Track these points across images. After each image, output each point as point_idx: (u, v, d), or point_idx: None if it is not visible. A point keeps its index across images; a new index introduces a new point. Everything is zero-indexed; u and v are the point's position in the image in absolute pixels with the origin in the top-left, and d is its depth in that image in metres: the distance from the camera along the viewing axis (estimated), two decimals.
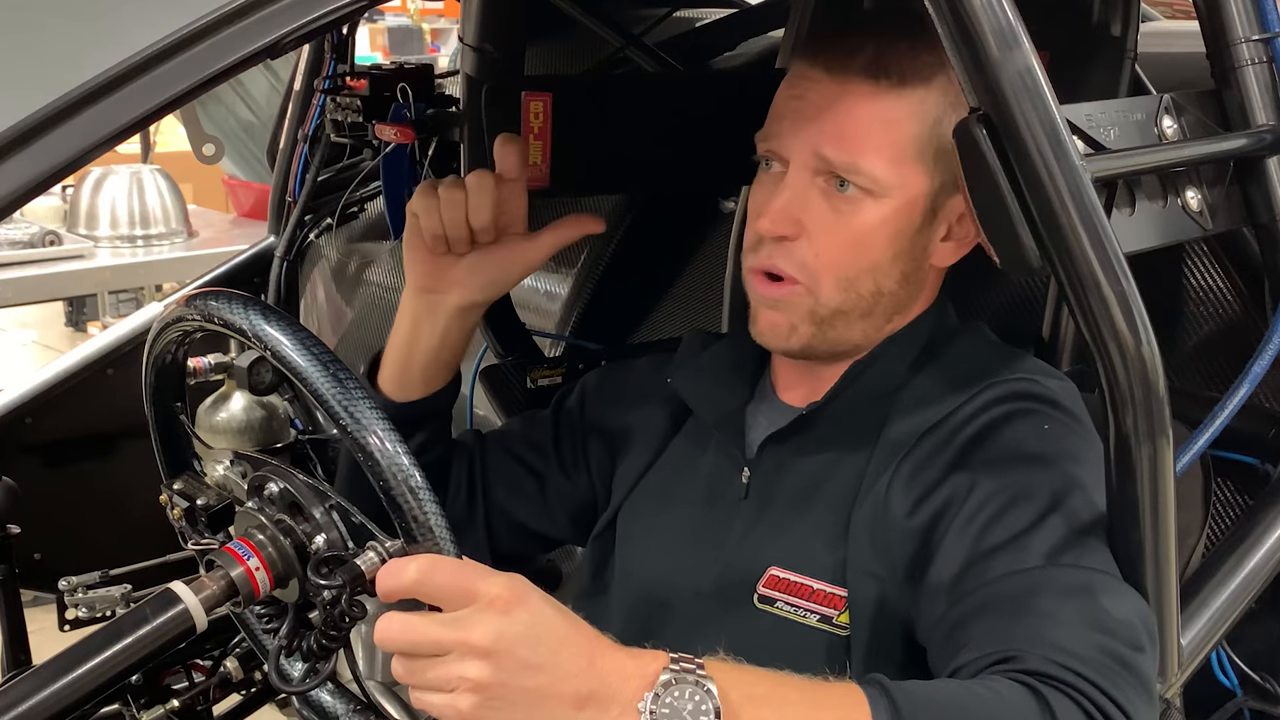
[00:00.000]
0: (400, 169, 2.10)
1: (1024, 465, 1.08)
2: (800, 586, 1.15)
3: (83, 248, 3.65)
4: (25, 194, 0.74)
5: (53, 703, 0.89)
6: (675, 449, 1.32)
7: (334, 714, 1.10)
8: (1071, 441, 1.11)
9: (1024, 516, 1.04)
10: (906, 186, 1.14)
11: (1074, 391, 1.17)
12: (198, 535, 1.06)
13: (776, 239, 1.16)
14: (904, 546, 1.10)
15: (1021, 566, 1.01)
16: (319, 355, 0.91)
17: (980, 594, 1.02)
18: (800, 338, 1.18)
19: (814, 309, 1.16)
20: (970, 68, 0.95)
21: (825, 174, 1.14)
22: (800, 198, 1.15)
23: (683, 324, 2.05)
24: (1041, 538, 1.03)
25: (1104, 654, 0.95)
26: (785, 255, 1.16)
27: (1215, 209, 1.19)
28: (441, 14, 7.00)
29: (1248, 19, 1.23)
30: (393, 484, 0.88)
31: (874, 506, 1.13)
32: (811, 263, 1.15)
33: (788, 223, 1.15)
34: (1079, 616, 0.97)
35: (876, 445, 1.16)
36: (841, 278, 1.15)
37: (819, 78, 1.15)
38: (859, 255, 1.15)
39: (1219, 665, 1.34)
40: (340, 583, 0.90)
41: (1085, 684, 0.92)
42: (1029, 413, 1.12)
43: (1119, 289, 0.99)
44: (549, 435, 1.39)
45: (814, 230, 1.15)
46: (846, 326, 1.18)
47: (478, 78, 1.74)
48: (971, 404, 1.13)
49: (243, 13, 0.77)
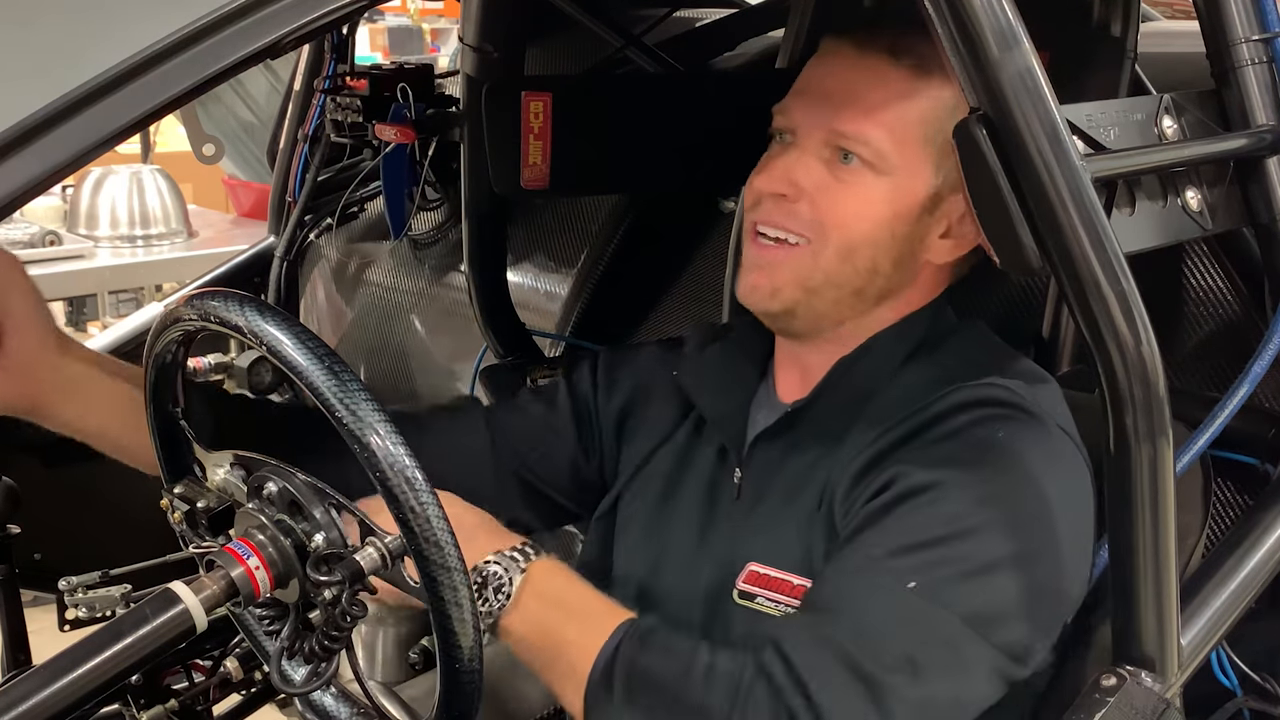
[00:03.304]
0: (400, 169, 2.11)
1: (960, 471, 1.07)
2: (780, 582, 1.15)
3: (83, 248, 3.65)
4: (25, 194, 0.74)
5: (53, 703, 0.89)
6: (678, 440, 1.32)
7: (336, 715, 1.10)
8: (1027, 450, 1.09)
9: (924, 518, 1.05)
10: (909, 169, 1.15)
11: (1055, 397, 1.16)
12: (199, 539, 1.06)
13: (775, 197, 1.17)
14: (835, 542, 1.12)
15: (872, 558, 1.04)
16: (318, 353, 0.91)
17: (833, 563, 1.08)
18: (782, 300, 1.18)
19: (808, 274, 1.16)
20: (970, 68, 0.95)
21: (831, 146, 1.15)
22: (801, 163, 1.16)
23: (683, 324, 2.05)
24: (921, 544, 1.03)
25: (844, 665, 0.98)
26: (785, 214, 1.17)
27: (1215, 209, 1.19)
28: (441, 14, 6.99)
29: (1248, 19, 1.23)
30: (390, 477, 0.88)
31: (829, 502, 1.14)
32: (813, 220, 1.15)
33: (785, 182, 1.16)
34: (850, 625, 1.01)
35: (846, 443, 1.16)
36: (844, 244, 1.15)
37: (845, 52, 1.18)
38: (857, 224, 1.15)
39: (1219, 665, 1.34)
40: (340, 579, 0.90)
41: (793, 683, 0.97)
42: (989, 419, 1.10)
43: (1119, 289, 0.99)
44: (568, 412, 1.39)
45: (815, 193, 1.16)
46: (835, 301, 1.18)
47: (478, 78, 1.74)
48: (931, 409, 1.12)
49: (243, 13, 0.77)
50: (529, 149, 1.53)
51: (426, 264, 2.31)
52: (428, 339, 2.29)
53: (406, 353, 2.32)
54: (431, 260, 2.31)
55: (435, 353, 2.28)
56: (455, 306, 2.22)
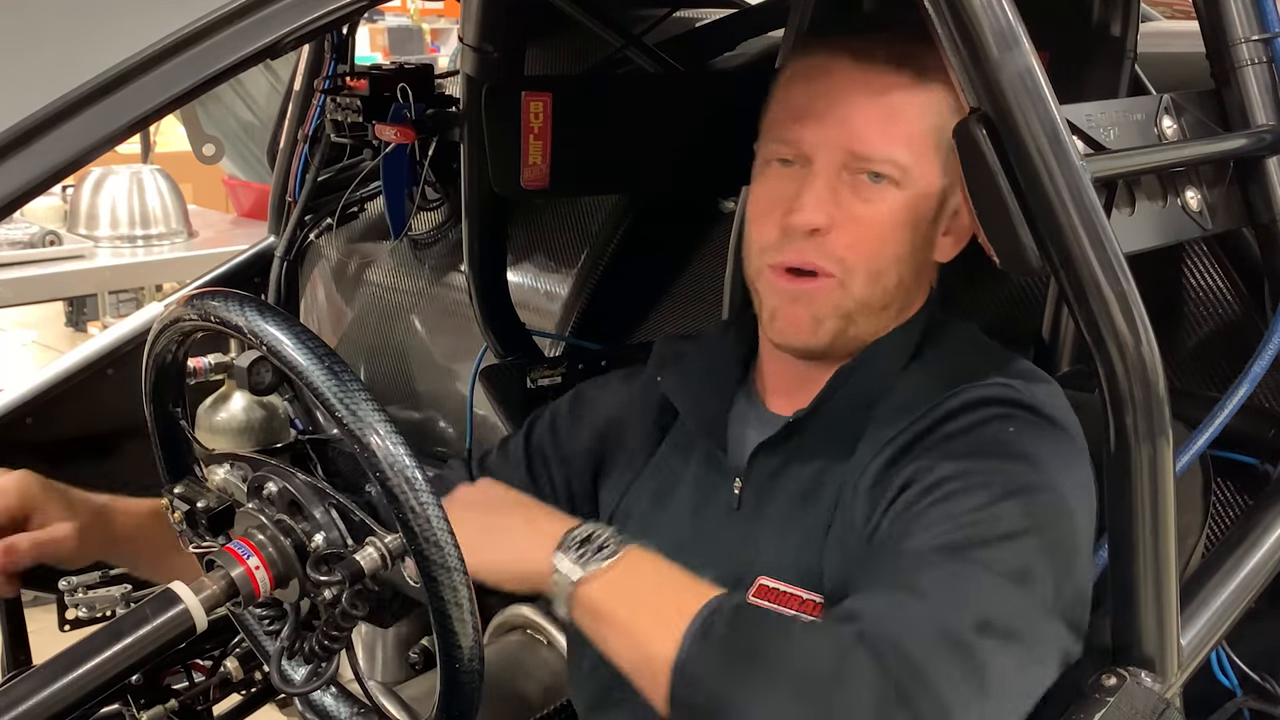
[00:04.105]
0: (400, 169, 2.11)
1: (974, 462, 1.07)
2: (789, 596, 1.14)
3: (83, 248, 3.64)
4: (25, 194, 0.74)
5: (53, 703, 0.89)
6: (660, 460, 1.31)
7: (336, 715, 1.10)
8: (1037, 445, 1.09)
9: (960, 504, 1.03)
10: (926, 178, 1.14)
11: (1056, 395, 1.15)
12: (199, 539, 1.06)
13: (809, 233, 1.14)
14: (862, 548, 1.10)
15: (926, 546, 1.02)
16: (317, 353, 0.91)
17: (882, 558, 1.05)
18: (826, 333, 1.16)
19: (841, 302, 1.15)
20: (970, 68, 0.95)
21: (852, 170, 1.14)
22: (831, 190, 1.14)
23: (683, 324, 2.05)
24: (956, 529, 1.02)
25: (941, 636, 0.95)
26: (817, 249, 1.14)
27: (1215, 209, 1.19)
28: (441, 14, 6.99)
29: (1248, 19, 1.23)
30: (390, 477, 0.88)
31: (844, 513, 1.13)
32: (845, 255, 1.14)
33: (821, 215, 1.13)
34: (943, 599, 0.98)
35: (855, 452, 1.15)
36: (873, 270, 1.15)
37: (843, 68, 1.15)
38: (886, 246, 1.15)
39: (1219, 665, 1.34)
40: (340, 578, 0.90)
41: (897, 658, 0.93)
42: (999, 418, 1.10)
43: (1119, 289, 0.99)
44: (522, 473, 1.37)
45: (845, 222, 1.14)
46: (867, 321, 1.17)
47: (478, 78, 1.74)
48: (941, 408, 1.12)
49: (243, 13, 0.77)
50: (529, 149, 1.53)
51: (426, 264, 2.31)
52: (428, 339, 2.29)
53: (406, 353, 2.32)
54: (431, 260, 2.30)
55: (435, 353, 2.28)
56: (455, 306, 2.22)
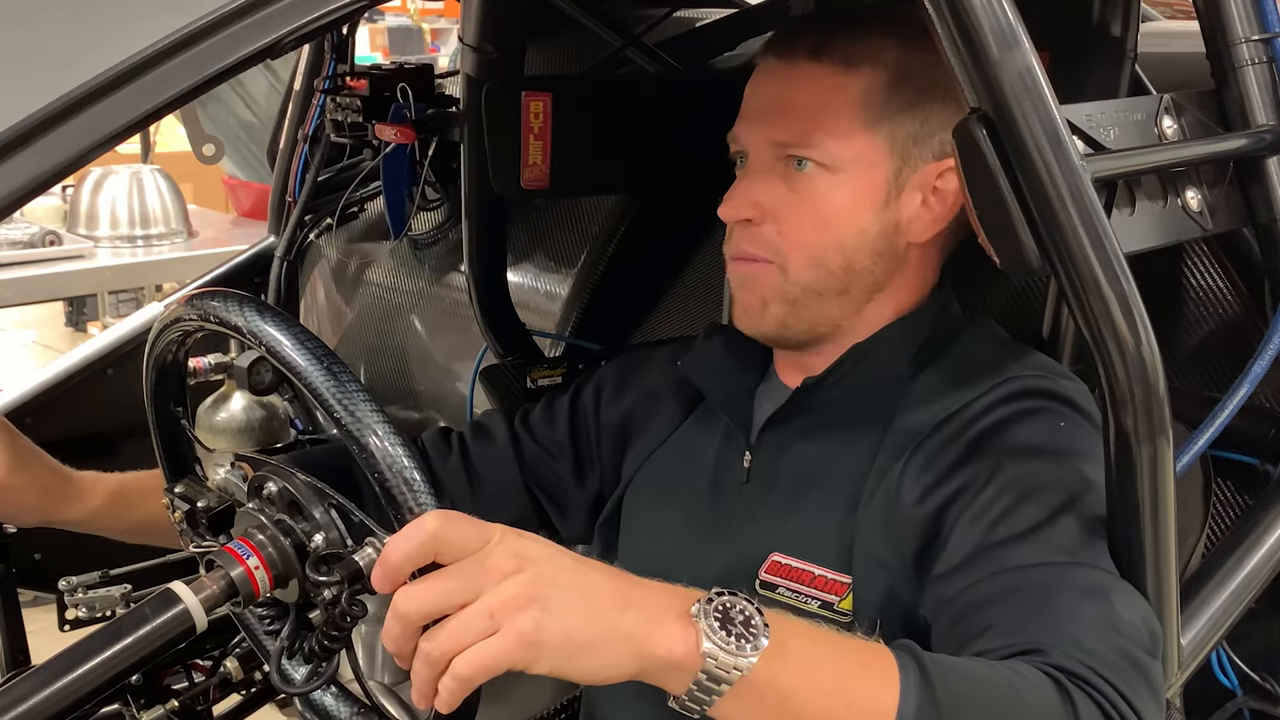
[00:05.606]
0: (400, 169, 2.11)
1: (1038, 461, 1.08)
2: (802, 572, 1.15)
3: (83, 248, 3.65)
4: (25, 194, 0.74)
5: (53, 703, 0.89)
6: (683, 433, 1.33)
7: (336, 715, 1.10)
8: (1084, 441, 1.10)
9: (1038, 511, 1.04)
10: (863, 160, 1.16)
11: (1086, 391, 1.16)
12: (199, 538, 1.06)
13: (742, 224, 1.20)
14: (913, 535, 1.10)
15: (1039, 560, 1.01)
16: (317, 353, 0.91)
17: (996, 581, 1.01)
18: (773, 316, 1.19)
19: (784, 287, 1.18)
20: (970, 68, 0.95)
21: (782, 158, 1.17)
22: (759, 182, 1.19)
23: (683, 324, 2.05)
24: (1058, 533, 1.03)
25: (1121, 656, 0.95)
26: (751, 239, 1.19)
27: (1215, 209, 1.19)
28: (441, 14, 6.99)
29: (1248, 19, 1.23)
30: (389, 478, 0.88)
31: (885, 496, 1.13)
32: (778, 242, 1.18)
33: (746, 206, 1.19)
34: (1097, 616, 0.97)
35: (886, 435, 1.16)
36: (811, 255, 1.17)
37: (770, 66, 1.20)
38: (824, 232, 1.17)
39: (1219, 665, 1.34)
40: (339, 579, 0.90)
41: (1105, 685, 0.91)
42: (1043, 410, 1.12)
43: (1119, 289, 0.99)
44: (565, 434, 1.41)
45: (776, 211, 1.18)
46: (821, 305, 1.19)
47: (478, 78, 1.73)
48: (986, 398, 1.13)
49: (243, 13, 0.77)
50: (529, 149, 1.54)
51: (426, 264, 2.31)
52: (428, 339, 2.29)
53: (406, 353, 2.32)
54: (431, 260, 2.30)
55: (435, 353, 2.28)
56: (455, 306, 2.22)
